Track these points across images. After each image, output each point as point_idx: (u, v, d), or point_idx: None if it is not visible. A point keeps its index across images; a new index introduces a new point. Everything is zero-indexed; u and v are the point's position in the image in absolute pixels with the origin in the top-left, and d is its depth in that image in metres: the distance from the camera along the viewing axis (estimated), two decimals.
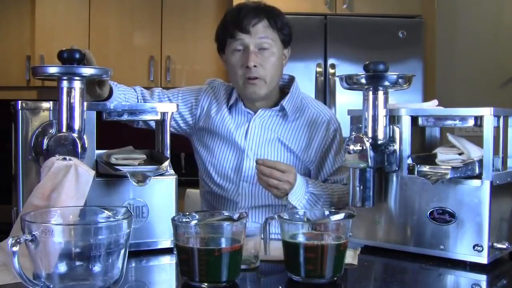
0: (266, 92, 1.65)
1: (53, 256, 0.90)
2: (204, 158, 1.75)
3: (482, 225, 1.22)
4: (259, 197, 1.67)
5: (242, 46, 1.62)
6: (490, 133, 1.23)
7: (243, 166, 1.68)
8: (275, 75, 1.65)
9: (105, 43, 3.48)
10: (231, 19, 1.64)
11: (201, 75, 1.87)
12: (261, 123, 1.70)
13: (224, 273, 1.04)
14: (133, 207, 1.30)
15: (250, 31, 1.60)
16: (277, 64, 1.65)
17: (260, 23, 1.61)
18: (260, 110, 1.70)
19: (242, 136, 1.69)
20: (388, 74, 1.32)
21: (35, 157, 1.29)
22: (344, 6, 3.18)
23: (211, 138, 1.74)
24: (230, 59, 1.65)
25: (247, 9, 1.62)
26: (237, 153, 1.70)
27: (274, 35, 1.64)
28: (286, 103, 1.68)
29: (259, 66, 1.61)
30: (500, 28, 3.71)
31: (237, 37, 1.61)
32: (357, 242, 1.38)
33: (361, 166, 1.32)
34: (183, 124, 1.77)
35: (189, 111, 1.76)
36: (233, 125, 1.71)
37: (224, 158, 1.71)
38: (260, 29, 1.61)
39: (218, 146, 1.72)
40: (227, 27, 1.64)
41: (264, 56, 1.62)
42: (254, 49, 1.61)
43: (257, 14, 1.62)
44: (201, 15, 3.48)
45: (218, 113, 1.73)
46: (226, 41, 1.66)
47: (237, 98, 1.72)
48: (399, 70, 1.33)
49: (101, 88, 1.45)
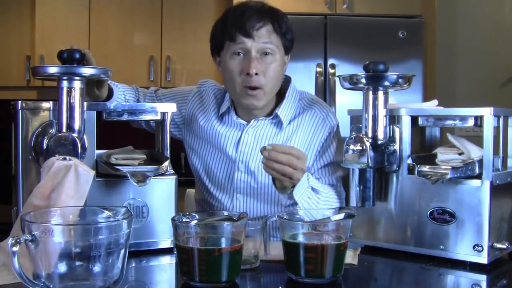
0: (264, 103, 1.55)
1: (53, 256, 0.90)
2: (196, 164, 1.68)
3: (482, 225, 1.22)
4: (254, 209, 1.60)
5: (243, 51, 1.51)
6: (490, 133, 1.23)
7: (235, 178, 1.59)
8: (275, 84, 1.55)
9: (105, 43, 3.48)
10: (233, 20, 1.51)
11: (201, 75, 1.87)
12: (254, 133, 1.59)
13: (224, 273, 1.04)
14: (133, 207, 1.30)
15: (253, 35, 1.48)
16: (278, 72, 1.54)
17: (264, 27, 1.50)
18: (254, 120, 1.59)
19: (233, 148, 1.60)
20: (388, 74, 1.32)
21: (35, 157, 1.28)
22: (344, 6, 3.18)
23: (202, 144, 1.66)
24: (228, 64, 1.53)
25: (251, 11, 1.50)
26: (228, 164, 1.61)
27: (278, 40, 1.53)
28: (281, 111, 1.57)
29: (260, 73, 1.50)
30: (500, 28, 3.72)
31: (238, 40, 1.50)
32: (357, 242, 1.38)
33: (361, 166, 1.32)
34: (173, 127, 1.68)
35: (179, 113, 1.68)
36: (224, 134, 1.61)
37: (216, 166, 1.63)
38: (263, 34, 1.50)
39: (209, 153, 1.65)
40: (227, 28, 1.51)
41: (266, 62, 1.51)
42: (256, 55, 1.50)
43: (261, 17, 1.50)
44: (201, 15, 3.48)
45: (207, 121, 1.63)
46: (224, 44, 1.54)
47: (229, 107, 1.61)
48: (399, 70, 1.33)
49: (99, 90, 1.43)
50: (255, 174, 1.58)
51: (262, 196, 1.59)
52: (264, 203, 1.60)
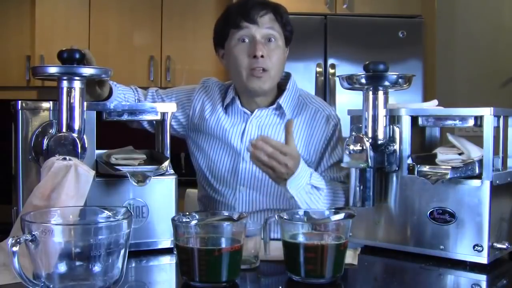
0: (269, 86, 1.60)
1: (53, 256, 0.90)
2: (199, 161, 1.70)
3: (482, 225, 1.22)
4: (256, 202, 1.62)
5: (248, 37, 1.57)
6: (490, 133, 1.23)
7: (240, 169, 1.62)
8: (279, 69, 1.61)
9: (105, 43, 3.48)
10: (237, 9, 1.59)
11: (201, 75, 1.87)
12: (258, 123, 1.64)
13: (224, 273, 1.04)
14: (133, 207, 1.30)
15: (257, 21, 1.56)
16: (282, 58, 1.61)
17: (267, 15, 1.58)
18: (257, 110, 1.64)
19: (238, 138, 1.64)
20: (388, 74, 1.32)
21: (35, 157, 1.28)
22: (344, 6, 3.18)
23: (206, 140, 1.69)
24: (233, 50, 1.58)
25: (253, 2, 1.58)
26: (233, 156, 1.65)
27: (279, 29, 1.60)
28: (283, 101, 1.63)
29: (266, 57, 1.56)
30: (500, 28, 3.72)
31: (243, 26, 1.56)
32: (357, 242, 1.38)
33: (361, 166, 1.32)
34: (177, 125, 1.72)
35: (182, 111, 1.71)
36: (229, 125, 1.65)
37: (219, 160, 1.66)
38: (267, 20, 1.57)
39: (213, 148, 1.68)
40: (232, 17, 1.59)
41: (270, 48, 1.57)
42: (261, 40, 1.56)
43: (264, 7, 1.58)
44: (201, 15, 3.48)
45: (213, 114, 1.68)
46: (229, 32, 1.59)
47: (233, 97, 1.66)
48: (399, 70, 1.33)
49: (101, 88, 1.44)
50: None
51: (265, 188, 1.62)
52: (267, 196, 1.62)
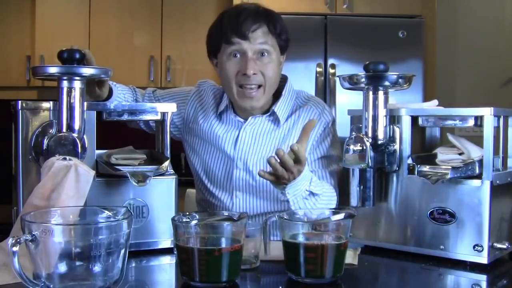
0: (264, 102, 1.57)
1: (53, 256, 0.90)
2: (196, 165, 1.69)
3: (482, 225, 1.22)
4: (254, 206, 1.61)
5: (239, 52, 1.53)
6: (490, 133, 1.23)
7: (234, 176, 1.60)
8: (274, 82, 1.57)
9: (105, 43, 3.48)
10: (228, 22, 1.53)
11: (201, 75, 1.87)
12: (251, 131, 1.61)
13: (224, 273, 1.04)
14: (133, 207, 1.30)
15: (248, 37, 1.51)
16: (275, 71, 1.56)
17: (259, 29, 1.52)
18: (251, 118, 1.60)
19: (231, 145, 1.61)
20: (388, 74, 1.32)
21: (35, 157, 1.28)
22: (344, 6, 3.18)
23: (201, 144, 1.67)
24: (225, 65, 1.55)
25: (246, 13, 1.53)
26: (227, 162, 1.63)
27: (273, 41, 1.55)
28: (278, 108, 1.59)
29: (258, 73, 1.52)
30: (500, 28, 3.71)
31: (234, 42, 1.52)
32: (357, 242, 1.38)
33: (361, 166, 1.32)
34: (173, 128, 1.68)
35: (178, 114, 1.69)
36: (222, 132, 1.63)
37: (215, 165, 1.65)
38: (259, 35, 1.52)
39: (208, 152, 1.66)
40: (223, 31, 1.54)
41: (263, 62, 1.53)
42: (252, 56, 1.52)
43: (256, 19, 1.52)
44: (201, 15, 3.48)
45: (206, 120, 1.65)
46: (221, 46, 1.56)
47: (227, 105, 1.63)
48: (399, 70, 1.33)
49: (100, 89, 1.44)
50: (253, 171, 1.59)
51: (261, 193, 1.61)
52: (263, 200, 1.61)
